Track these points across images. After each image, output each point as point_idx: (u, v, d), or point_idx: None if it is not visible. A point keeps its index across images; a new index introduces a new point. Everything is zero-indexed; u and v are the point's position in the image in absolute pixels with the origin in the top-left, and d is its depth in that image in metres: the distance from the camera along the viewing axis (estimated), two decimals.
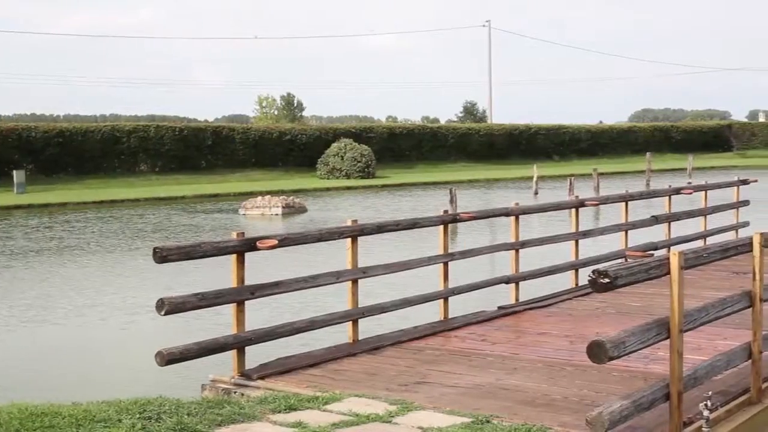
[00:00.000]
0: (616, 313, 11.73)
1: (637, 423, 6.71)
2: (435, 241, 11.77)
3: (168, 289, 17.14)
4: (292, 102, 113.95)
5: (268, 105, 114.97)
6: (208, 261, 9.45)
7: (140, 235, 30.70)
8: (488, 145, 78.32)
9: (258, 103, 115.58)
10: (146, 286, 19.60)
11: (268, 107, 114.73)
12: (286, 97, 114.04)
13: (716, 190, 18.95)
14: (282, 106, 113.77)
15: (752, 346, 7.89)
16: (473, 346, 10.09)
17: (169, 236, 30.07)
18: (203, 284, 11.75)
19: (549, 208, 14.78)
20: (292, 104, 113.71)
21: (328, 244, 11.13)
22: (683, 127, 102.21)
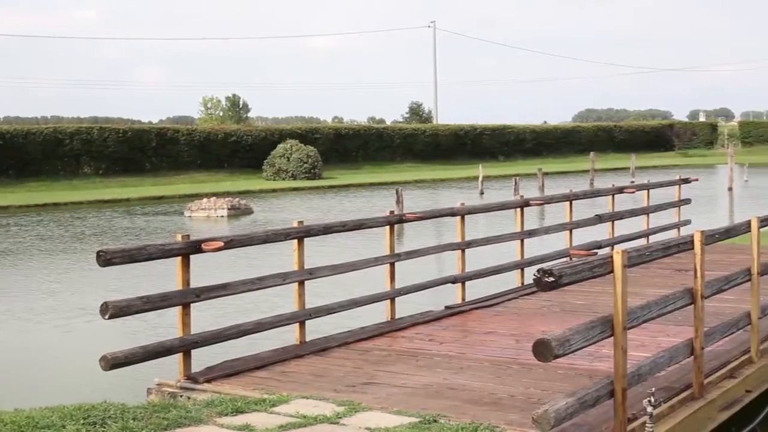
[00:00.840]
0: (562, 312, 11.83)
1: (582, 420, 6.77)
2: (382, 241, 11.77)
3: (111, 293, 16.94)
4: (238, 103, 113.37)
5: (213, 106, 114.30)
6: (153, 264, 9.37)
7: (82, 239, 30.32)
8: (434, 145, 78.57)
9: (203, 104, 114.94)
10: (89, 291, 19.35)
11: (213, 108, 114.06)
12: (231, 98, 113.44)
13: (658, 189, 19.20)
14: (227, 107, 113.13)
15: (694, 342, 8.01)
16: (420, 346, 10.11)
17: (112, 239, 29.73)
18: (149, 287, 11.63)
19: (494, 208, 14.87)
20: (237, 105, 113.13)
21: (274, 245, 11.09)
22: (626, 127, 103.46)
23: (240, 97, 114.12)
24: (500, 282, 13.91)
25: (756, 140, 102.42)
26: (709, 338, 8.40)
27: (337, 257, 12.68)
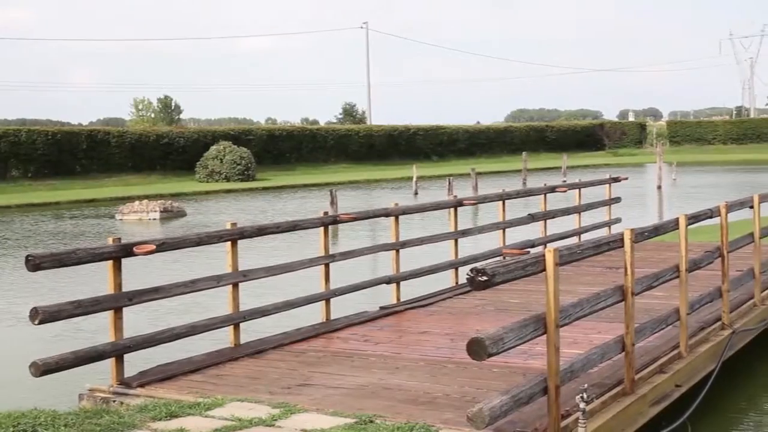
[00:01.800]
0: (495, 310, 11.92)
1: (517, 417, 6.83)
2: (317, 243, 11.74)
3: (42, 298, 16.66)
4: (170, 104, 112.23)
5: (144, 108, 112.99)
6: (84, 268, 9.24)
7: (5, 244, 29.71)
8: (368, 146, 78.69)
9: (134, 105, 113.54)
10: (16, 295, 19.00)
11: (145, 110, 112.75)
12: (163, 100, 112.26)
13: (589, 188, 19.45)
14: (159, 109, 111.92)
15: (625, 338, 8.13)
16: (356, 347, 10.12)
17: (39, 244, 29.22)
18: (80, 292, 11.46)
19: (428, 208, 14.93)
20: (169, 107, 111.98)
21: (208, 248, 11.01)
22: (557, 127, 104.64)
23: (172, 99, 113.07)
24: (435, 282, 13.98)
25: (683, 139, 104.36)
26: (640, 334, 8.54)
27: (272, 259, 12.62)
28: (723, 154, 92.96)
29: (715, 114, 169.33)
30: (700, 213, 10.60)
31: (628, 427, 7.82)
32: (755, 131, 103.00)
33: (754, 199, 12.26)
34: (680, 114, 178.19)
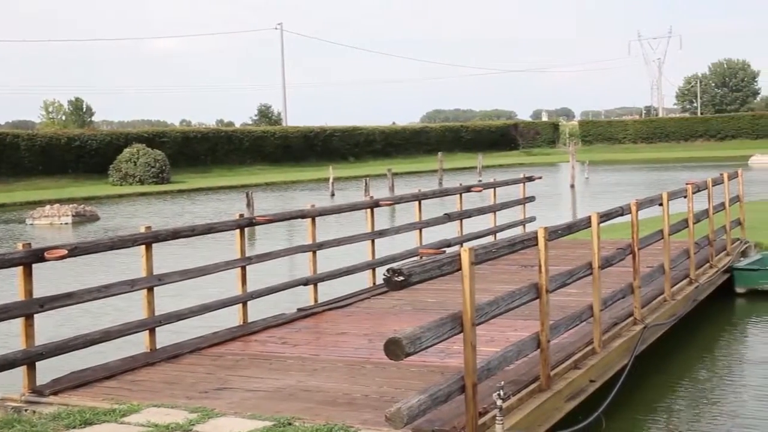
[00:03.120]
0: (413, 310, 11.97)
1: (435, 416, 6.87)
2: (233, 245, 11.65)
3: None
4: (81, 107, 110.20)
5: (55, 110, 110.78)
6: None
7: None
8: (284, 147, 78.39)
9: (44, 108, 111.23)
10: None
11: (55, 112, 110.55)
12: (74, 102, 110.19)
13: (504, 187, 19.66)
14: (70, 111, 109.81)
15: (540, 336, 8.24)
16: (273, 350, 10.07)
17: None
18: None
19: (345, 209, 14.93)
20: (81, 109, 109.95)
21: (122, 252, 10.83)
22: (472, 127, 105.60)
23: (83, 101, 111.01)
24: (352, 282, 13.98)
25: (595, 139, 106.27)
26: (555, 331, 8.66)
27: (187, 262, 12.48)
28: (633, 152, 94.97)
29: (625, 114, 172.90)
30: (611, 211, 10.80)
31: (545, 423, 7.93)
32: (663, 130, 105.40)
33: (663, 196, 12.53)
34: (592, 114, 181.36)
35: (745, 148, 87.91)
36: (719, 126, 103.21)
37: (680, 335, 12.60)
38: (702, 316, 13.81)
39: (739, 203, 18.14)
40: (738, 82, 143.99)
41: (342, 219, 27.56)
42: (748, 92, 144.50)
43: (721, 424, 9.39)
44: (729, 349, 12.88)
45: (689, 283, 13.72)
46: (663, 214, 12.60)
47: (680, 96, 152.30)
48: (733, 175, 17.80)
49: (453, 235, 16.77)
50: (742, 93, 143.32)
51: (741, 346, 13.00)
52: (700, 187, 14.86)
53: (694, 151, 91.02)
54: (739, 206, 18.13)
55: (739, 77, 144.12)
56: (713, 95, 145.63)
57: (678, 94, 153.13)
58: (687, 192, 13.91)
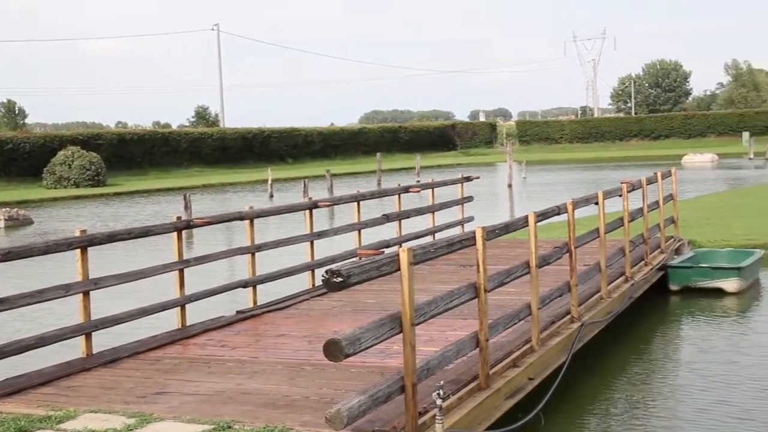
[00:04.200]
0: (353, 311, 11.97)
1: (375, 416, 6.88)
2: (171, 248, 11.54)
3: None
4: (13, 109, 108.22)
5: None
6: None
7: None
8: (222, 149, 77.92)
9: None
10: None
11: None
12: (6, 104, 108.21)
13: (443, 187, 19.74)
14: (2, 114, 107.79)
15: (479, 334, 8.29)
16: (213, 353, 10.00)
17: None
18: None
19: (283, 211, 14.87)
20: (13, 111, 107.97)
21: (57, 256, 10.68)
22: (411, 128, 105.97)
23: (15, 103, 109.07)
24: (292, 284, 13.94)
25: (532, 139, 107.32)
26: (493, 330, 8.72)
27: (124, 266, 12.34)
28: (569, 152, 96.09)
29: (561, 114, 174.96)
30: (548, 210, 10.90)
31: (484, 421, 7.98)
32: (599, 130, 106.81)
33: (599, 195, 12.69)
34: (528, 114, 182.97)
35: (678, 147, 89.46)
36: (653, 126, 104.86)
37: (616, 332, 12.77)
38: (637, 314, 14.02)
39: (672, 202, 18.44)
40: (671, 83, 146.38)
41: (281, 220, 27.47)
42: (680, 92, 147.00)
43: (656, 418, 9.54)
44: (663, 346, 13.09)
45: (625, 280, 13.91)
46: (599, 212, 12.75)
47: (615, 96, 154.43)
48: (667, 174, 18.08)
49: (392, 235, 16.81)
50: (674, 93, 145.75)
51: (675, 343, 13.22)
52: (634, 186, 15.07)
53: (629, 151, 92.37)
54: (672, 204, 18.43)
55: (671, 78, 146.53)
56: (647, 95, 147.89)
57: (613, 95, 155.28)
58: (622, 191, 14.10)
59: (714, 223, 23.23)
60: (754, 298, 15.59)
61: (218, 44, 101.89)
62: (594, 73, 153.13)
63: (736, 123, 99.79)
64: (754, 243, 19.40)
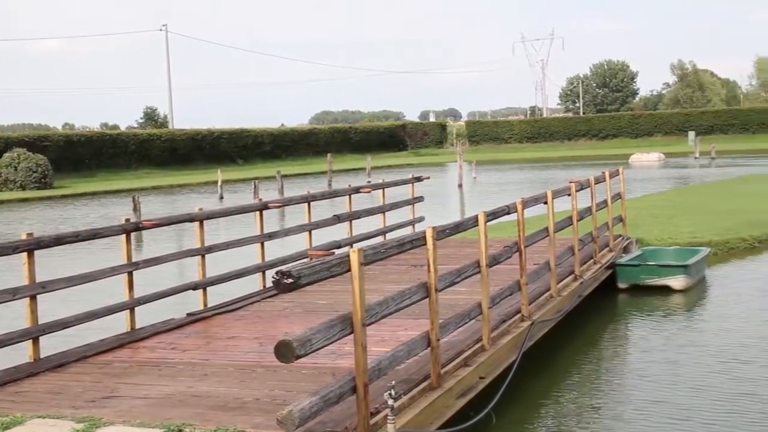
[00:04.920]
0: (304, 312, 11.94)
1: (327, 417, 6.87)
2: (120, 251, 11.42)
3: None
4: None
5: None
6: None
7: None
8: (171, 150, 77.34)
9: None
10: None
11: None
12: None
13: (393, 187, 19.78)
14: None
15: (430, 334, 8.31)
16: (163, 356, 9.91)
17: None
18: None
19: (234, 212, 14.79)
20: None
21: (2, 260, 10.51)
22: (361, 128, 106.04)
23: None
24: (242, 286, 13.88)
25: (482, 139, 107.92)
26: (444, 329, 8.75)
27: (72, 269, 12.20)
28: (519, 152, 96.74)
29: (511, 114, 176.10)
30: (497, 210, 10.96)
31: (436, 421, 8.00)
32: (548, 130, 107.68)
33: (548, 195, 12.79)
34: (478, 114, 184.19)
35: (625, 146, 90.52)
36: (601, 125, 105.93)
37: (566, 330, 12.88)
38: (587, 312, 14.15)
39: (620, 200, 18.64)
40: (618, 83, 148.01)
41: (231, 222, 27.34)
42: (627, 92, 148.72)
43: (606, 413, 9.63)
44: (612, 343, 13.23)
45: (574, 279, 14.04)
46: (548, 212, 12.85)
47: (563, 96, 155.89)
48: (615, 173, 18.28)
49: (343, 236, 16.80)
50: (622, 93, 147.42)
51: (623, 340, 13.36)
52: (583, 186, 15.21)
53: (578, 150, 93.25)
54: (620, 203, 18.63)
55: (619, 78, 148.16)
56: (595, 95, 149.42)
57: (561, 95, 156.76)
58: (571, 190, 14.22)
59: (661, 221, 23.53)
60: (700, 295, 15.82)
61: (167, 45, 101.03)
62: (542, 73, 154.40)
63: (682, 123, 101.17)
64: (700, 241, 19.69)
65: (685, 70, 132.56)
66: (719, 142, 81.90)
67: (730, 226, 22.01)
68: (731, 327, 13.07)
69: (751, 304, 14.66)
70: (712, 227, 21.93)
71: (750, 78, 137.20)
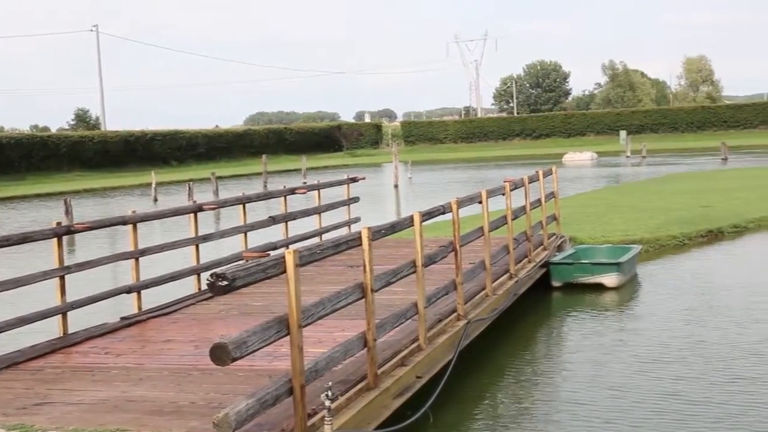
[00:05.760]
0: (240, 315, 11.87)
1: (264, 420, 6.84)
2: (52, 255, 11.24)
3: None
4: None
5: None
6: None
7: None
8: (103, 152, 76.40)
9: None
10: None
11: None
12: None
13: (329, 188, 19.76)
14: None
15: (367, 334, 8.32)
16: (96, 360, 9.78)
17: None
18: None
19: (168, 214, 14.63)
20: None
21: None
22: (296, 129, 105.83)
23: None
24: (177, 289, 13.76)
25: (417, 139, 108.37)
26: (381, 330, 8.77)
27: (2, 274, 11.98)
28: (454, 152, 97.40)
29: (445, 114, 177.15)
30: (433, 210, 11.01)
31: (373, 421, 8.02)
32: (482, 130, 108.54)
33: (483, 194, 12.88)
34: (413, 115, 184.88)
35: (558, 146, 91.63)
36: (534, 125, 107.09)
37: (502, 329, 12.99)
38: (522, 310, 14.29)
39: (554, 199, 18.85)
40: (551, 83, 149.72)
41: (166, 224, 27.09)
42: (560, 92, 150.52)
43: (540, 409, 9.74)
44: (547, 340, 13.38)
45: (509, 278, 14.16)
46: (483, 211, 12.94)
47: (497, 96, 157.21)
48: (548, 172, 18.47)
49: (279, 237, 16.73)
50: (554, 93, 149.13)
51: (557, 337, 13.52)
52: (517, 185, 15.35)
53: (512, 150, 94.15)
54: (554, 202, 18.84)
55: (551, 78, 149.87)
56: (528, 95, 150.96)
57: (495, 95, 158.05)
58: (505, 190, 14.34)
59: (594, 219, 23.84)
60: (631, 293, 16.06)
61: (98, 46, 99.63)
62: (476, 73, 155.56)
63: (613, 122, 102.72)
64: (631, 238, 20.00)
65: (616, 71, 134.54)
66: (650, 141, 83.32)
67: (660, 224, 22.39)
68: (658, 326, 13.21)
69: (677, 301, 14.88)
70: (643, 225, 22.29)
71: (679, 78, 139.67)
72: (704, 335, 12.54)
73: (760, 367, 10.90)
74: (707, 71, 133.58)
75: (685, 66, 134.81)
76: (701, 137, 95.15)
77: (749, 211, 24.95)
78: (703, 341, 12.22)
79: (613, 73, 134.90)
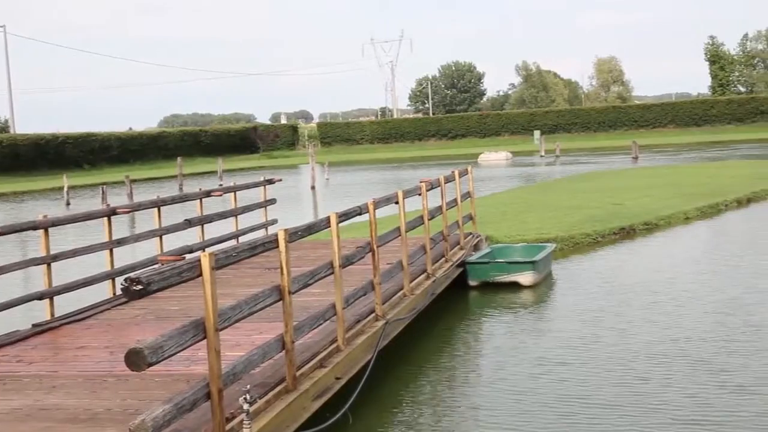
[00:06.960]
0: (156, 319, 11.72)
1: (182, 425, 6.77)
2: None
3: None
4: None
5: None
6: None
7: None
8: (12, 156, 74.72)
9: None
10: None
11: None
12: None
13: (245, 190, 19.63)
14: None
15: (285, 337, 8.30)
16: (7, 369, 9.55)
17: None
18: None
19: (80, 218, 14.36)
20: None
21: None
22: (212, 131, 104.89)
23: None
24: (92, 294, 13.53)
25: (334, 140, 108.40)
26: (299, 332, 8.75)
27: None
28: (371, 153, 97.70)
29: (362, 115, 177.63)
30: (349, 211, 11.03)
31: (293, 423, 8.00)
32: (398, 131, 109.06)
33: (399, 195, 12.94)
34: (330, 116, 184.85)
35: (474, 146, 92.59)
36: (450, 126, 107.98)
37: (420, 328, 13.06)
38: (439, 309, 14.38)
39: (470, 199, 19.02)
40: (466, 84, 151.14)
41: (80, 229, 26.63)
42: (475, 93, 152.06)
43: (458, 408, 9.82)
44: (464, 339, 13.48)
45: (427, 277, 14.25)
46: (399, 212, 13.00)
47: (413, 97, 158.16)
48: (464, 172, 18.63)
49: (195, 240, 16.57)
50: (469, 94, 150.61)
51: (475, 336, 13.63)
52: (433, 185, 15.45)
53: (428, 150, 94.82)
54: (470, 202, 19.01)
55: (466, 79, 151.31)
56: (443, 96, 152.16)
57: (411, 96, 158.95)
58: (421, 190, 14.43)
59: (509, 218, 24.13)
60: (545, 291, 16.27)
61: (5, 46, 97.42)
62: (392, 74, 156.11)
63: (527, 122, 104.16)
64: (546, 237, 20.29)
65: (529, 71, 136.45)
66: (563, 141, 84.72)
67: (574, 222, 22.77)
68: (567, 327, 13.29)
69: (588, 300, 15.06)
70: (557, 223, 22.64)
71: (590, 78, 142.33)
72: (604, 336, 12.56)
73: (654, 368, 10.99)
74: (617, 71, 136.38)
75: (597, 66, 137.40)
76: (613, 136, 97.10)
77: (660, 208, 25.55)
78: (602, 341, 12.26)
79: (526, 74, 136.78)
